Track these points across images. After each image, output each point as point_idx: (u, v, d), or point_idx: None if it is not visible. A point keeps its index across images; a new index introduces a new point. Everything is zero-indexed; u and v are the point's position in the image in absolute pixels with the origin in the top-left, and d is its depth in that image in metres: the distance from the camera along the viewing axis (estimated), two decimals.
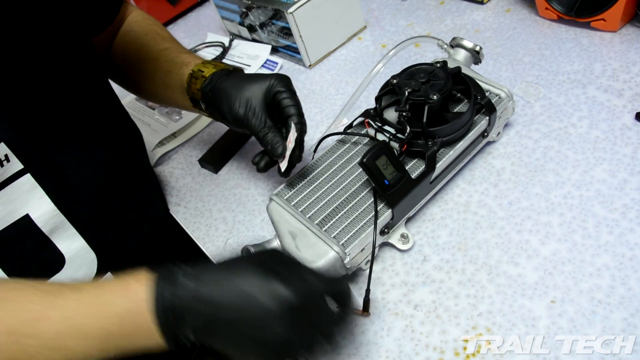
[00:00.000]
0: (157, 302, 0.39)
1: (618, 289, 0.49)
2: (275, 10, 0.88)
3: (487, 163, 0.64)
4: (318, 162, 0.62)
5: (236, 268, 0.41)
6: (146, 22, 0.75)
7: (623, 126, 0.62)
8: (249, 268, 0.41)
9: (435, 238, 0.59)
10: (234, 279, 0.40)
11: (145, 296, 0.40)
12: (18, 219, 0.52)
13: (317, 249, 0.54)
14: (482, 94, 0.61)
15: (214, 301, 0.39)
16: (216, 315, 0.40)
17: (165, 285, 0.40)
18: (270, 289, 0.39)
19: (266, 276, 0.40)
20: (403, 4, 0.98)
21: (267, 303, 0.39)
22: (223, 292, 0.40)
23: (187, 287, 0.40)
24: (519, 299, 0.51)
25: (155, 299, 0.39)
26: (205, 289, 0.40)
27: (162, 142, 0.88)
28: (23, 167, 0.51)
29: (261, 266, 0.41)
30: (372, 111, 0.63)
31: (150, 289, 0.40)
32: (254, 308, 0.39)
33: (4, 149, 0.48)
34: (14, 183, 0.50)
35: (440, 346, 0.50)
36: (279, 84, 0.59)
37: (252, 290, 0.39)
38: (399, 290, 0.55)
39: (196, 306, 0.40)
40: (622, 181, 0.57)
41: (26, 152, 0.50)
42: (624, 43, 0.72)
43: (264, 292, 0.39)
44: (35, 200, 0.52)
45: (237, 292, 0.40)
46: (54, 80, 0.54)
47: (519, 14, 0.85)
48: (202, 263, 0.42)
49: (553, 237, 0.54)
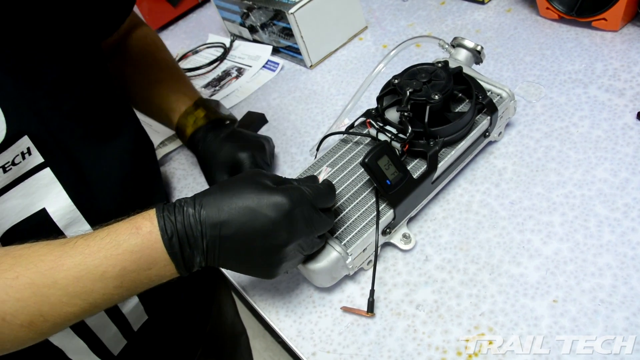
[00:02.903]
0: (165, 233, 0.43)
1: (620, 289, 0.49)
2: (276, 11, 0.88)
3: (489, 163, 0.64)
4: (320, 162, 0.62)
5: (233, 188, 0.46)
6: (146, 41, 0.78)
7: (624, 125, 0.62)
8: (244, 186, 0.46)
9: (437, 238, 0.59)
10: (234, 198, 0.45)
11: (153, 229, 0.43)
12: (34, 213, 0.52)
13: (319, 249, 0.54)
14: (483, 93, 0.62)
15: (219, 221, 0.44)
16: (223, 233, 0.44)
17: (170, 216, 0.44)
18: (267, 200, 0.45)
19: (261, 190, 0.46)
20: (404, 5, 0.98)
21: (268, 213, 0.45)
22: (226, 212, 0.44)
23: (191, 214, 0.44)
24: (521, 299, 0.51)
25: (163, 230, 0.43)
26: (209, 212, 0.44)
27: (163, 142, 0.88)
28: (43, 161, 0.51)
29: (254, 183, 0.46)
30: (373, 111, 0.63)
31: (157, 222, 0.44)
32: (258, 219, 0.45)
33: (27, 142, 0.49)
34: (33, 176, 0.51)
35: (442, 346, 0.50)
36: (244, 163, 0.68)
37: (252, 204, 0.45)
38: (401, 290, 0.55)
39: (202, 229, 0.44)
40: (623, 180, 0.57)
41: (47, 146, 0.51)
42: (625, 42, 0.72)
43: (263, 204, 0.45)
44: (53, 195, 0.53)
45: (239, 209, 0.45)
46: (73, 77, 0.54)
47: (520, 13, 0.85)
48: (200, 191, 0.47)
49: (555, 236, 0.54)
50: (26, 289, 0.40)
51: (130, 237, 0.43)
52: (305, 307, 0.57)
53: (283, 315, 0.57)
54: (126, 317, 0.62)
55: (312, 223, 0.48)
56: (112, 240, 0.43)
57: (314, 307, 0.57)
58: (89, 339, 0.58)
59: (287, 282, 0.60)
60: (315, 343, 0.54)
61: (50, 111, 0.51)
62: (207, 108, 0.72)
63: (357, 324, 0.54)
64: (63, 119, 0.53)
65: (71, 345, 0.57)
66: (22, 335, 0.41)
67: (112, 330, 0.61)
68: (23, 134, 0.48)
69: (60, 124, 0.52)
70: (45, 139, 0.50)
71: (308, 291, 0.58)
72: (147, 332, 0.66)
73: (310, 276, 0.55)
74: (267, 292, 0.60)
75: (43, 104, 0.51)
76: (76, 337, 0.57)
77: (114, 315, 0.60)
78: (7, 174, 0.48)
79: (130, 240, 0.43)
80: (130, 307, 0.62)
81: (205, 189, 0.48)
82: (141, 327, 0.65)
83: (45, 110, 0.51)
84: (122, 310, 0.61)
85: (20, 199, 0.50)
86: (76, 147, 0.55)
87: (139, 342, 0.65)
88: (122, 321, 0.62)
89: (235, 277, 0.63)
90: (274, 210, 0.45)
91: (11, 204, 0.50)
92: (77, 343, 0.57)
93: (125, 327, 0.62)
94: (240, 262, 0.48)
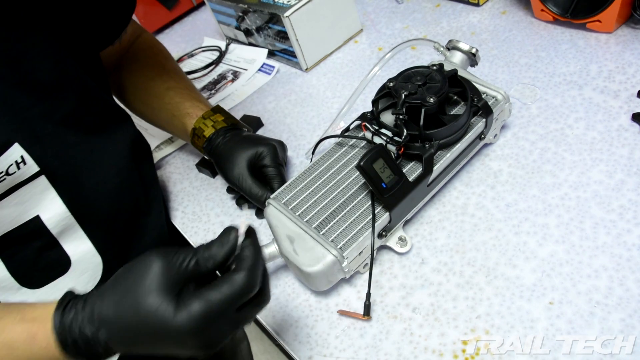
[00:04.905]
0: (62, 337, 0.39)
1: (616, 290, 0.49)
2: (272, 14, 0.88)
3: (485, 165, 0.64)
4: (315, 166, 0.62)
5: (138, 289, 0.38)
6: (153, 51, 0.79)
7: (619, 127, 0.62)
8: (149, 289, 0.37)
9: (433, 241, 0.59)
10: (138, 301, 0.37)
11: (51, 335, 0.39)
12: (28, 220, 0.52)
13: (314, 252, 0.53)
14: (478, 96, 0.62)
15: (121, 327, 0.38)
16: (128, 340, 0.38)
17: (68, 316, 0.39)
18: (175, 309, 0.37)
19: (168, 295, 0.37)
20: (399, 7, 0.98)
21: (177, 324, 0.37)
22: (127, 315, 0.38)
23: (89, 315, 0.39)
24: (517, 301, 0.51)
25: (60, 334, 0.39)
26: (108, 313, 0.38)
27: (159, 146, 0.88)
28: (39, 170, 0.51)
29: (162, 284, 0.38)
30: (369, 114, 0.63)
31: (53, 326, 0.39)
32: (166, 330, 0.37)
33: (19, 150, 0.48)
34: (27, 184, 0.50)
35: (439, 349, 0.50)
36: (267, 156, 0.67)
37: (156, 313, 0.37)
38: (397, 293, 0.55)
39: (102, 335, 0.38)
40: (619, 182, 0.57)
41: (40, 153, 0.50)
42: (620, 44, 0.72)
43: (170, 314, 0.37)
44: (47, 202, 0.52)
45: (143, 316, 0.37)
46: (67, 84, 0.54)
47: (515, 15, 0.85)
48: (106, 282, 0.40)
49: (550, 238, 0.55)
50: None
51: (27, 346, 0.40)
52: (302, 311, 0.57)
53: (280, 319, 0.57)
54: None
55: (237, 325, 0.41)
56: (6, 342, 0.40)
57: (311, 311, 0.57)
58: None
59: (283, 286, 0.60)
60: (312, 347, 0.53)
61: (43, 118, 0.51)
62: (225, 114, 0.72)
63: (354, 328, 0.54)
64: (56, 126, 0.53)
65: None
66: None
67: None
68: (12, 142, 0.48)
69: (53, 131, 0.52)
70: (37, 146, 0.50)
71: (304, 295, 0.58)
72: None
73: (307, 280, 0.55)
74: None
75: (35, 111, 0.50)
76: None
77: None
78: (1, 184, 0.47)
79: (28, 350, 0.40)
80: None
81: (114, 280, 0.41)
82: None
83: (37, 118, 0.50)
84: None
85: (14, 207, 0.50)
86: (71, 153, 0.54)
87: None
88: None
89: None
90: (180, 345, 0.38)
91: (4, 213, 0.49)
92: None
93: None
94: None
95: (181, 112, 0.72)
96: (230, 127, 0.70)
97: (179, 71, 0.79)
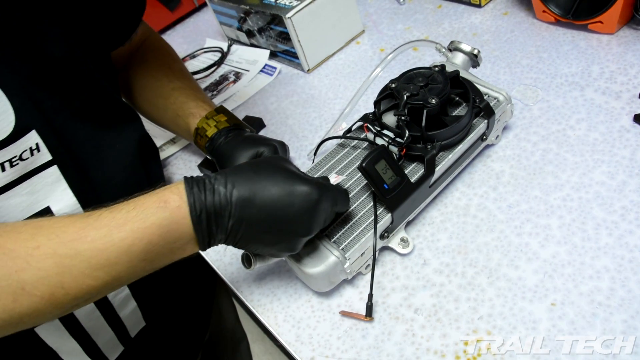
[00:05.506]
0: (194, 210, 0.43)
1: (618, 291, 0.49)
2: (274, 15, 0.88)
3: (486, 166, 0.64)
4: (317, 167, 0.62)
5: (264, 171, 0.47)
6: (161, 52, 0.80)
7: (621, 128, 0.62)
8: (275, 171, 0.47)
9: (435, 242, 0.59)
10: (267, 182, 0.46)
11: (182, 204, 0.43)
12: (39, 211, 0.52)
13: (317, 253, 0.54)
14: (480, 97, 0.62)
15: (251, 204, 0.45)
16: (252, 217, 0.45)
17: (200, 193, 0.44)
18: (300, 189, 0.46)
19: (294, 178, 0.47)
20: (401, 8, 0.98)
21: (299, 202, 0.46)
22: (259, 196, 0.45)
23: (222, 193, 0.44)
24: (519, 302, 0.51)
25: (192, 207, 0.43)
26: (241, 193, 0.44)
27: (161, 147, 0.88)
28: (51, 159, 0.51)
29: (285, 170, 0.47)
30: (371, 115, 0.63)
31: (186, 197, 0.43)
32: (289, 207, 0.46)
33: (35, 138, 0.49)
34: (39, 174, 0.51)
35: (441, 350, 0.50)
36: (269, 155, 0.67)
37: (284, 192, 0.46)
38: (399, 294, 0.55)
39: (231, 210, 0.44)
40: (621, 183, 0.57)
41: (54, 143, 0.51)
42: (622, 45, 0.72)
43: (295, 193, 0.46)
44: (58, 193, 0.53)
45: (272, 195, 0.45)
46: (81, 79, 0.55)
47: (517, 17, 0.85)
48: (230, 168, 0.47)
49: (552, 239, 0.55)
50: (48, 258, 0.39)
51: (158, 211, 0.42)
52: (304, 312, 0.57)
53: (282, 320, 0.57)
54: (123, 322, 0.62)
55: (327, 222, 0.51)
56: (139, 213, 0.42)
57: (313, 312, 0.57)
58: (84, 342, 0.58)
59: (286, 286, 0.60)
60: (314, 347, 0.53)
61: (57, 110, 0.52)
62: (228, 114, 0.72)
63: (356, 329, 0.54)
64: (69, 119, 0.53)
65: (65, 347, 0.56)
66: (42, 308, 0.39)
67: (108, 335, 0.61)
68: (30, 128, 0.48)
69: (66, 123, 0.53)
70: (52, 136, 0.51)
71: (306, 296, 0.58)
72: (144, 339, 0.66)
73: (309, 281, 0.55)
74: (266, 296, 0.60)
75: (50, 102, 0.51)
76: (71, 339, 0.56)
77: (111, 319, 0.60)
78: (14, 169, 0.48)
79: (158, 214, 0.42)
80: (127, 312, 0.62)
81: (235, 166, 0.48)
82: (138, 334, 0.65)
83: (52, 109, 0.51)
84: (119, 314, 0.61)
85: (25, 197, 0.50)
86: (81, 147, 0.55)
87: (136, 349, 0.65)
88: (119, 326, 0.61)
89: (233, 282, 0.63)
90: (305, 201, 0.46)
91: (15, 201, 0.50)
92: (71, 344, 0.57)
93: (122, 333, 0.62)
94: (258, 244, 0.48)
95: (185, 112, 0.73)
96: (232, 127, 0.71)
97: (185, 72, 0.79)
